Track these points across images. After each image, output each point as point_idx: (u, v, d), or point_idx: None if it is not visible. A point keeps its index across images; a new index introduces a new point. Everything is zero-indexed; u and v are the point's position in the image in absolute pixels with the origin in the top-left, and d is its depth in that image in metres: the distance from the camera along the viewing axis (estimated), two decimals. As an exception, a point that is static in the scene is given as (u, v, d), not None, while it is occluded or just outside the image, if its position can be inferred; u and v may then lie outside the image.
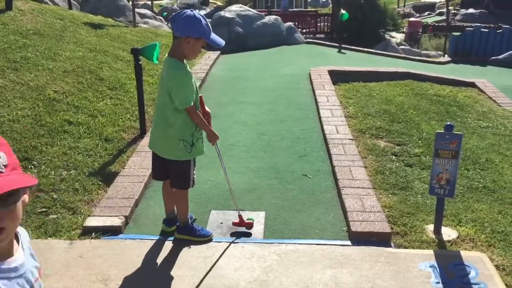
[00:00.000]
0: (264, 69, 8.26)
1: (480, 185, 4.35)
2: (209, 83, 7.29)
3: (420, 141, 5.30)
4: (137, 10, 15.42)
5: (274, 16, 11.02)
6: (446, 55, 13.94)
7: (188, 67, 2.94)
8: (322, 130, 5.25)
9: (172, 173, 3.10)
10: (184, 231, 3.24)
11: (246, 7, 11.15)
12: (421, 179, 4.37)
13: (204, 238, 3.24)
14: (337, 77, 7.59)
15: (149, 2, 38.08)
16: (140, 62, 4.92)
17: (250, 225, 3.41)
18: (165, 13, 28.03)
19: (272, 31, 10.64)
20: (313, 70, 7.63)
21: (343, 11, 10.66)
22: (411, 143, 5.23)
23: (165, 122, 2.95)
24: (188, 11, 2.82)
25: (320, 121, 5.50)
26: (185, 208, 3.22)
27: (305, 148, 4.87)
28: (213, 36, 2.88)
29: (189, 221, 3.27)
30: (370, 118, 5.89)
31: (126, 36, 8.72)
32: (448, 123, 3.29)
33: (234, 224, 3.45)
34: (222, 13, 10.62)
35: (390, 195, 4.04)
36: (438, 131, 3.32)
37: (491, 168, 4.79)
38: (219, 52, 9.49)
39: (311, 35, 23.04)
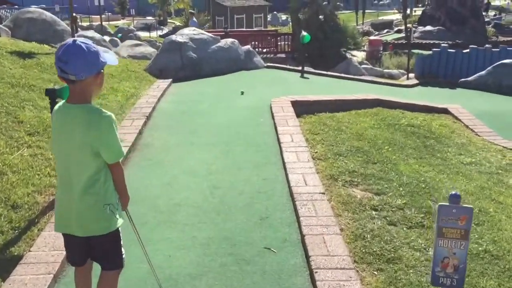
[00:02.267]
0: (219, 100, 7.37)
1: (480, 249, 3.56)
2: (155, 119, 6.33)
3: (401, 188, 4.52)
4: (82, 33, 14.31)
5: (230, 39, 10.20)
6: (411, 76, 13.49)
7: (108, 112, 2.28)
8: (287, 180, 4.38)
9: (101, 253, 2.40)
10: None
11: (200, 30, 10.30)
12: (410, 243, 3.55)
13: None
14: (301, 108, 6.79)
15: (106, 23, 36.87)
16: (59, 106, 3.94)
17: None
18: (120, 35, 26.90)
19: (229, 55, 9.80)
20: (274, 101, 6.80)
21: (304, 33, 9.97)
22: (391, 191, 4.44)
23: (85, 187, 2.26)
24: (78, 44, 2.16)
25: (285, 168, 4.63)
26: None
27: (267, 207, 3.97)
28: (108, 56, 2.33)
29: None
30: (342, 159, 5.08)
31: (62, 65, 7.66)
32: (453, 192, 2.48)
33: None
34: (173, 37, 9.71)
35: (375, 272, 3.19)
36: (441, 203, 2.49)
37: (488, 222, 4.03)
38: (170, 80, 8.56)
39: (271, 55, 22.49)
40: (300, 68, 10.49)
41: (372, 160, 5.17)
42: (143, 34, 32.57)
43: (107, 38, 23.61)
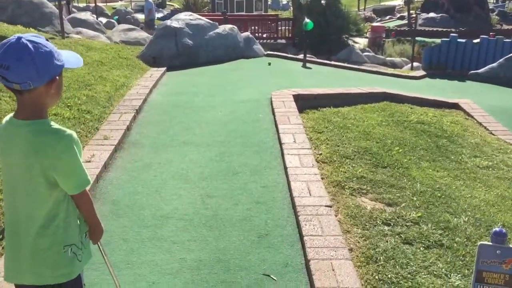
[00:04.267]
0: (216, 92, 6.86)
1: (508, 275, 3.12)
2: (145, 114, 5.83)
3: (415, 198, 4.07)
4: (76, 15, 13.73)
5: (229, 26, 9.63)
6: (416, 65, 12.97)
7: (69, 131, 1.77)
8: (289, 188, 3.92)
9: None
10: None
11: (197, 15, 9.70)
12: (428, 268, 3.11)
13: None
14: (304, 102, 6.31)
15: (103, 5, 36.02)
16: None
17: None
18: (117, 17, 26.15)
19: (227, 42, 9.25)
20: (275, 94, 6.30)
21: (307, 20, 9.41)
22: (404, 201, 3.99)
23: (39, 227, 1.78)
24: (23, 43, 1.63)
25: (286, 174, 4.17)
26: None
27: (266, 221, 3.52)
28: (67, 57, 1.78)
29: None
30: (349, 163, 4.62)
31: (47, 51, 7.12)
32: (497, 229, 2.02)
33: None
34: (168, 22, 9.14)
35: (391, 307, 2.75)
36: (482, 242, 2.04)
37: (514, 241, 3.59)
38: (164, 68, 8.04)
39: (272, 41, 21.93)
40: (301, 56, 9.96)
41: (382, 164, 4.71)
42: (141, 16, 31.81)
43: (103, 20, 22.93)
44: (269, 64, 8.89)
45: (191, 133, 5.22)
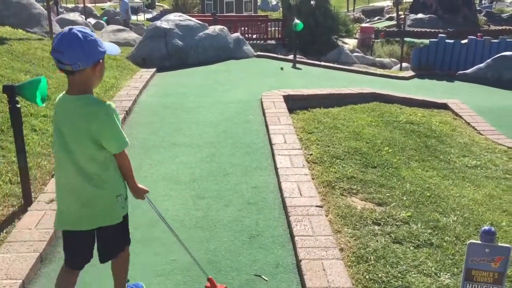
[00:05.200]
0: (206, 93, 6.86)
1: (497, 273, 3.16)
2: (135, 115, 5.81)
3: (405, 197, 4.10)
4: (65, 16, 13.63)
5: (219, 26, 9.62)
6: (404, 66, 13.08)
7: (109, 102, 2.22)
8: (280, 189, 3.93)
9: (111, 242, 2.36)
10: None
11: (187, 16, 9.68)
12: (418, 267, 3.13)
13: None
14: (294, 103, 6.33)
15: (92, 5, 35.77)
16: (19, 105, 3.43)
17: None
18: (106, 18, 25.98)
19: (217, 43, 9.24)
20: (265, 95, 6.32)
21: (297, 21, 9.43)
22: (394, 200, 4.02)
23: (94, 181, 2.20)
24: (74, 32, 2.06)
25: (277, 174, 4.18)
26: (127, 269, 2.53)
27: (257, 222, 3.52)
28: (107, 46, 2.21)
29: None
30: (339, 163, 4.65)
31: (36, 52, 7.08)
32: (486, 227, 2.04)
33: (207, 287, 2.73)
34: (158, 23, 9.10)
35: (382, 306, 2.77)
36: (471, 241, 2.06)
37: (502, 239, 3.62)
38: (154, 69, 8.01)
39: (262, 41, 21.96)
40: (291, 57, 9.99)
41: (372, 164, 4.74)
42: (130, 17, 31.67)
43: (92, 21, 22.77)
44: (282, 68, 8.87)
45: (182, 134, 5.21)
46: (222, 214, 3.62)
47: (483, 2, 48.56)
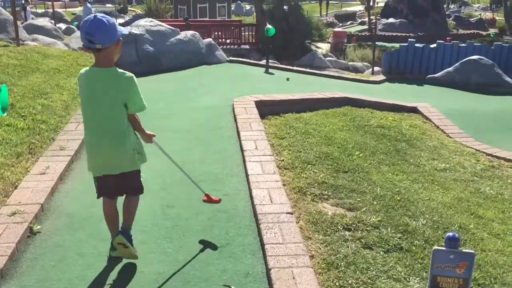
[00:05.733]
0: (178, 99, 6.78)
1: (465, 276, 3.19)
2: (104, 123, 5.69)
3: (375, 202, 4.12)
4: (33, 21, 13.33)
5: (191, 32, 9.56)
6: (376, 70, 13.26)
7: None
8: (251, 196, 3.90)
9: (132, 184, 3.08)
10: (128, 237, 3.02)
11: (157, 22, 9.59)
12: (388, 272, 3.14)
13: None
14: (266, 108, 6.33)
15: (63, 10, 35.13)
16: (-22, 115, 3.32)
17: (218, 201, 3.61)
18: (76, 23, 25.54)
19: (189, 49, 9.17)
20: (237, 101, 6.29)
21: (269, 26, 9.45)
22: (364, 205, 4.03)
23: (120, 136, 2.86)
24: (100, 18, 2.68)
25: (248, 181, 4.15)
26: (134, 213, 3.18)
27: (227, 231, 3.48)
28: (120, 28, 2.89)
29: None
30: (310, 168, 4.65)
31: (1, 59, 6.88)
32: (450, 234, 2.05)
33: (204, 200, 3.59)
34: (128, 28, 8.99)
35: (352, 312, 2.76)
36: (435, 248, 2.07)
37: (470, 242, 3.69)
38: (124, 76, 7.88)
39: (235, 46, 21.95)
40: (264, 62, 9.99)
41: (343, 169, 4.76)
42: (102, 22, 31.22)
43: (63, 26, 22.33)
44: (288, 79, 8.80)
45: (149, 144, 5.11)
46: (191, 223, 3.56)
47: (451, 6, 49.75)
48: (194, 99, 6.79)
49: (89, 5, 14.25)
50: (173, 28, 9.49)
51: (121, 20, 34.98)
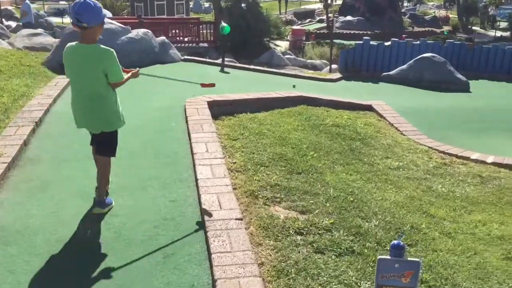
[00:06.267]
0: (128, 100, 6.39)
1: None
2: (46, 126, 5.39)
3: (328, 204, 4.05)
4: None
5: (143, 30, 9.27)
6: (334, 67, 13.33)
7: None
8: (200, 202, 3.74)
9: (106, 144, 3.57)
10: (103, 205, 3.60)
11: (108, 19, 9.24)
12: (339, 277, 3.06)
13: (110, 206, 3.66)
14: (220, 108, 6.16)
15: (12, 8, 33.60)
16: None
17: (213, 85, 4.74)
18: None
19: (141, 47, 8.88)
20: (189, 101, 6.10)
21: (224, 24, 9.27)
22: (317, 207, 3.95)
23: (101, 101, 3.39)
24: (88, 1, 3.14)
25: (197, 186, 3.98)
26: (108, 176, 3.69)
27: (173, 239, 3.31)
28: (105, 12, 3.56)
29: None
30: (263, 170, 4.53)
31: None
32: (395, 242, 1.97)
33: (202, 85, 4.71)
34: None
35: (301, 323, 2.66)
36: (380, 257, 1.98)
37: (421, 242, 3.66)
38: (72, 76, 7.52)
39: (194, 44, 21.64)
40: (220, 61, 9.81)
41: (296, 170, 4.67)
42: (55, 19, 30.14)
43: (13, 24, 21.32)
44: (294, 86, 8.58)
45: (97, 145, 4.87)
46: (136, 233, 3.37)
47: (405, 5, 50.97)
48: (145, 99, 6.54)
49: (28, 1, 13.64)
50: (124, 26, 9.16)
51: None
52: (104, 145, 3.56)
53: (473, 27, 34.95)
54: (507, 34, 30.91)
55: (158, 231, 3.40)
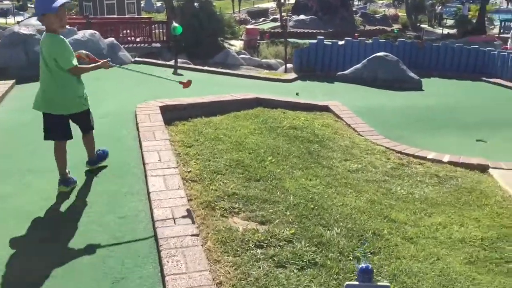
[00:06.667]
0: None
1: None
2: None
3: (288, 212, 3.90)
4: None
5: (90, 31, 8.81)
6: (289, 66, 13.28)
7: (63, 37, 3.65)
8: (152, 217, 3.48)
9: (83, 121, 4.03)
10: (96, 162, 4.25)
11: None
12: (303, 293, 2.90)
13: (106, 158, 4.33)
14: (173, 114, 5.90)
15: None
16: None
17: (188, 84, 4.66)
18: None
19: (87, 49, 8.30)
20: (140, 107, 5.79)
21: (175, 24, 8.94)
22: (277, 217, 3.79)
23: (62, 85, 3.69)
24: None
25: (149, 200, 3.72)
26: (59, 161, 3.93)
27: (123, 261, 3.04)
28: (64, 0, 3.56)
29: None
30: (220, 179, 4.32)
31: None
32: (363, 265, 1.82)
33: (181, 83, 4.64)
34: (16, 28, 8.07)
35: None
36: (348, 283, 1.82)
37: (384, 249, 3.57)
38: (12, 81, 7.04)
39: (146, 45, 21.15)
40: (173, 62, 9.49)
41: (255, 177, 4.49)
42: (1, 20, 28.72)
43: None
44: (297, 94, 8.51)
45: (40, 157, 4.50)
46: (81, 256, 3.08)
47: (356, 3, 51.96)
48: (92, 106, 6.12)
49: None
50: (69, 27, 8.68)
51: (20, 18, 32.35)
52: (84, 122, 4.02)
53: (422, 25, 36.01)
54: (454, 31, 32.02)
55: (107, 252, 3.12)
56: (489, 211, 4.51)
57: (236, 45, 23.17)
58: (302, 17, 33.22)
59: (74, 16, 25.16)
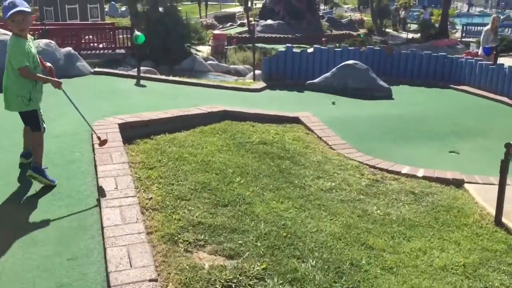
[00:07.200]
0: (21, 125, 5.62)
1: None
2: None
3: (259, 242, 3.58)
4: None
5: (45, 41, 8.26)
6: (257, 73, 12.99)
7: (22, 40, 3.84)
8: (106, 258, 3.08)
9: (25, 121, 4.16)
10: (37, 171, 3.97)
11: (1, 30, 8.15)
12: None
13: (51, 183, 4.04)
14: (134, 131, 5.50)
15: None
16: None
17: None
18: None
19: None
20: (97, 125, 5.35)
21: (137, 33, 8.50)
22: (247, 249, 3.46)
23: (10, 84, 3.90)
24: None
25: (103, 236, 3.32)
26: (39, 151, 4.07)
27: (70, 316, 2.64)
28: (16, 9, 3.72)
29: (42, 166, 4.05)
30: (184, 205, 3.97)
31: None
32: None
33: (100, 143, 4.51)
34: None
35: None
36: None
37: (363, 282, 3.29)
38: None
39: (110, 51, 20.52)
40: (135, 72, 9.04)
41: (222, 202, 4.15)
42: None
43: None
44: (334, 103, 8.36)
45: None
46: (20, 312, 2.66)
47: (322, 8, 52.33)
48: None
49: None
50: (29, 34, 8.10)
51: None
52: (27, 122, 4.15)
53: (387, 30, 36.44)
54: (418, 35, 32.50)
55: (51, 305, 2.72)
56: (469, 231, 4.31)
57: (204, 50, 22.76)
58: (269, 21, 33.08)
59: (34, 22, 24.20)
